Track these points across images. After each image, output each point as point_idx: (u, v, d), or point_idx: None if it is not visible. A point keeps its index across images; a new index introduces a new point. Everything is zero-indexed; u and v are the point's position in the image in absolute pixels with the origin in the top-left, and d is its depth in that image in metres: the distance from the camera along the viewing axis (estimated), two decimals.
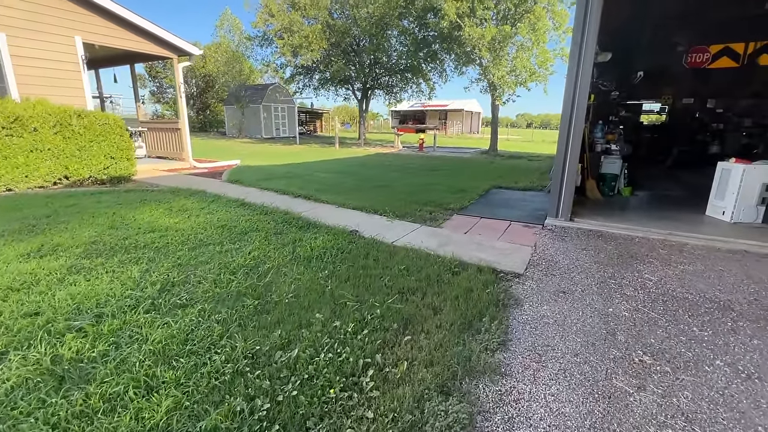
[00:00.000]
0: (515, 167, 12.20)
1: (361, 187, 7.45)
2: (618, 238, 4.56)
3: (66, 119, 6.01)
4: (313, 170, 9.64)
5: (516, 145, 25.38)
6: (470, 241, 4.41)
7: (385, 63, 19.44)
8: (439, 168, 11.38)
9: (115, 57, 9.47)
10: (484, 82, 16.41)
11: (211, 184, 7.02)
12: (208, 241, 4.01)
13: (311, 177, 8.35)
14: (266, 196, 6.10)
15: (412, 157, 14.63)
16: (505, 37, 13.19)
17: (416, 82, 21.25)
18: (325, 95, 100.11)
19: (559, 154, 5.14)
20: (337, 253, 3.82)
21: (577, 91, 4.85)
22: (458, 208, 5.97)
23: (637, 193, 6.96)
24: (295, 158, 13.08)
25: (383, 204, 5.88)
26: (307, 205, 5.67)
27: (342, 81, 20.32)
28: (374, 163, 12.08)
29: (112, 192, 5.87)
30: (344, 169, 10.34)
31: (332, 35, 17.27)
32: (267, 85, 25.89)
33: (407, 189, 7.41)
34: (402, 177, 9.18)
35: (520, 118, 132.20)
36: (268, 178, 7.71)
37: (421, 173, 10.06)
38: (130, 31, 7.75)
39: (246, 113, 25.14)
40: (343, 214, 5.29)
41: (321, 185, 7.37)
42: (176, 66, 8.79)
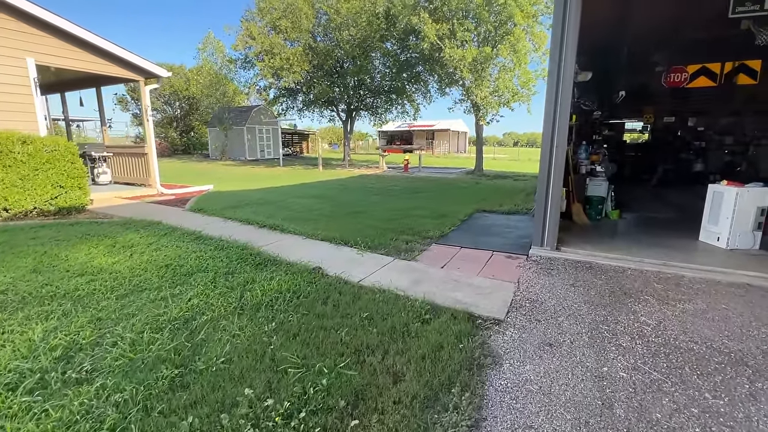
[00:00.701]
0: (500, 188, 11.93)
1: (336, 213, 6.99)
2: (609, 270, 4.16)
3: (7, 146, 5.48)
4: (289, 195, 9.18)
5: (502, 164, 25.39)
6: (447, 277, 3.95)
7: (369, 84, 19.40)
8: (422, 190, 11.03)
9: (81, 80, 9.04)
10: (468, 102, 16.38)
11: (172, 213, 6.49)
12: (144, 285, 3.48)
13: (285, 203, 7.88)
14: (228, 228, 5.60)
15: (396, 179, 14.31)
16: (486, 59, 13.18)
17: (401, 103, 21.24)
18: (310, 116, 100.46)
19: (541, 178, 4.79)
20: (292, 297, 3.32)
21: (558, 111, 4.54)
22: (438, 237, 5.54)
23: (625, 215, 6.64)
24: (275, 181, 12.63)
25: (356, 233, 5.43)
26: (271, 237, 5.18)
27: (326, 102, 20.18)
28: (356, 186, 11.68)
29: (55, 225, 5.31)
30: (323, 193, 9.90)
31: (315, 57, 17.19)
32: (251, 107, 25.67)
33: (385, 215, 6.98)
34: (382, 201, 8.77)
35: (507, 137, 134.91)
36: (237, 206, 7.21)
37: (403, 196, 9.68)
38: (90, 53, 7.34)
39: (229, 135, 24.77)
40: (310, 247, 4.81)
41: (293, 212, 6.90)
42: (143, 88, 8.37)
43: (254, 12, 16.77)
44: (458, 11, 13.11)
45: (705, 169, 11.86)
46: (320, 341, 2.65)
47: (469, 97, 15.44)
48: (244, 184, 11.44)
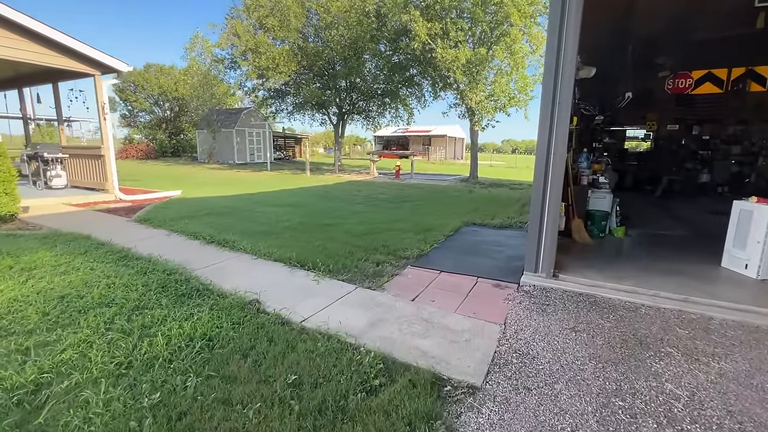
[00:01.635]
0: (494, 197, 11.16)
1: (305, 226, 6.19)
2: (618, 307, 3.36)
3: None
4: (261, 203, 8.37)
5: (498, 172, 24.70)
6: (416, 315, 3.15)
7: (361, 87, 18.69)
8: (410, 198, 10.24)
9: (33, 74, 8.25)
10: (462, 107, 15.68)
11: (113, 224, 5.67)
12: (13, 328, 2.66)
13: (252, 212, 7.06)
14: (169, 244, 4.78)
15: (385, 186, 13.52)
16: (481, 61, 12.48)
17: (394, 107, 20.53)
18: (301, 120, 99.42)
19: (536, 189, 4.01)
20: (204, 348, 2.51)
21: (556, 111, 3.77)
22: (416, 257, 4.75)
23: (631, 232, 5.86)
24: (254, 187, 11.82)
25: (320, 252, 4.63)
26: (214, 257, 4.36)
27: (317, 105, 19.44)
28: (339, 193, 10.89)
29: None
30: (300, 200, 9.10)
31: (304, 58, 16.47)
32: (241, 110, 24.93)
33: (362, 228, 6.17)
34: (363, 211, 7.96)
35: (506, 144, 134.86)
36: (194, 216, 6.40)
37: (388, 206, 8.88)
38: (36, 43, 6.56)
39: (218, 138, 23.99)
40: (257, 271, 4.00)
41: (256, 224, 6.09)
42: (98, 83, 7.58)
43: (240, 9, 16.08)
44: (451, 10, 12.42)
45: (711, 179, 11.14)
46: (213, 427, 1.83)
47: (463, 101, 14.73)
48: (217, 190, 10.62)
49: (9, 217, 5.55)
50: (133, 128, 29.15)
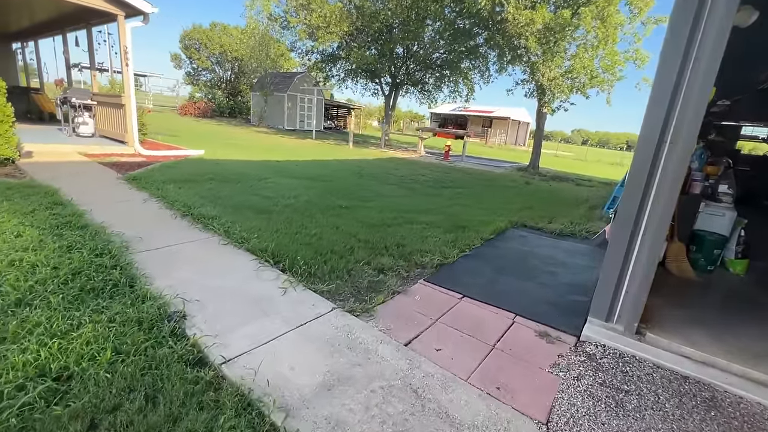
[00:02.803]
0: (555, 193, 9.35)
1: (311, 206, 5.16)
2: (750, 411, 1.93)
3: None
4: (281, 172, 7.49)
5: (564, 163, 21.93)
6: (404, 376, 1.98)
7: (418, 55, 17.00)
8: (452, 184, 8.83)
9: (71, 16, 7.88)
10: (531, 84, 13.52)
11: (99, 180, 5.05)
12: None
13: (260, 183, 6.18)
14: (135, 211, 4.00)
15: (430, 167, 12.12)
16: (563, 27, 10.31)
17: (454, 80, 18.61)
18: (352, 88, 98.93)
19: (631, 195, 2.57)
20: (49, 393, 1.57)
21: (688, 72, 2.26)
22: (435, 266, 3.54)
23: (756, 268, 4.09)
24: (286, 155, 11.05)
25: (310, 245, 3.59)
26: (178, 235, 3.48)
27: (370, 73, 18.14)
28: (374, 170, 9.74)
29: None
30: (326, 174, 8.10)
31: (359, 18, 15.12)
32: (295, 74, 24.31)
33: (379, 217, 5.02)
34: (391, 194, 6.77)
35: (576, 134, 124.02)
36: (193, 180, 5.63)
37: (424, 190, 7.59)
38: None
39: (270, 102, 23.72)
40: (215, 263, 3.04)
41: (255, 198, 5.17)
42: (121, 24, 6.98)
43: None
44: None
45: None
46: None
47: (533, 76, 12.61)
48: (244, 154, 9.97)
49: (2, 161, 5.13)
50: (194, 86, 30.05)
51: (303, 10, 14.48)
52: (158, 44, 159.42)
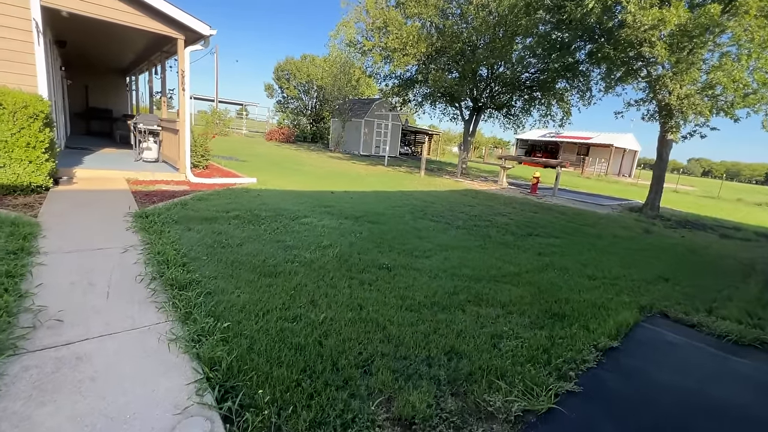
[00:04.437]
0: (696, 251, 6.70)
1: (342, 265, 3.81)
2: None
3: None
4: (325, 209, 6.37)
5: (690, 202, 17.65)
6: None
7: (505, 76, 15.23)
8: (541, 231, 6.82)
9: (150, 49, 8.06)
10: (652, 104, 10.80)
11: (106, 214, 4.37)
12: None
13: (290, 224, 5.05)
14: (99, 269, 3.04)
15: (512, 203, 10.11)
16: (706, 28, 7.77)
17: (545, 102, 16.31)
18: (430, 113, 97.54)
19: None
20: None
21: None
22: (511, 420, 1.87)
23: None
24: (346, 184, 10.10)
25: (303, 354, 2.23)
26: (113, 318, 2.37)
27: (449, 96, 16.83)
28: (442, 207, 8.16)
29: None
30: (380, 211, 6.78)
31: (439, 39, 14.03)
32: (373, 100, 24.16)
33: (429, 288, 3.47)
34: (457, 245, 5.14)
35: (693, 164, 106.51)
36: (215, 218, 4.73)
37: (502, 240, 5.79)
38: (125, 2, 5.89)
39: (347, 127, 23.80)
40: (124, 391, 1.80)
41: (273, 248, 4.02)
42: (181, 50, 6.72)
43: None
44: None
45: None
46: None
47: (655, 94, 9.98)
48: (302, 182, 9.21)
49: (36, 188, 4.82)
50: (282, 114, 32.06)
51: (379, 32, 13.91)
52: (258, 76, 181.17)
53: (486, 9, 13.96)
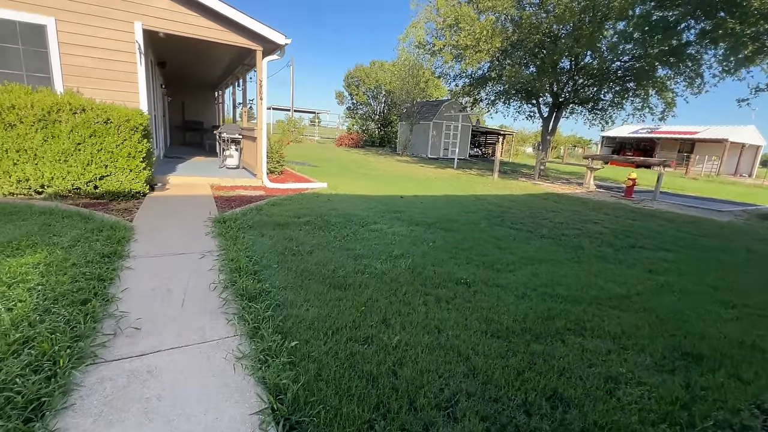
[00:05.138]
0: None
1: (416, 278, 3.48)
2: None
3: (57, 114, 4.68)
4: (397, 213, 6.10)
5: None
6: None
7: (592, 67, 13.68)
8: (647, 243, 5.78)
9: (222, 64, 8.62)
10: None
11: (190, 218, 4.57)
12: None
13: (364, 231, 4.85)
14: (177, 276, 3.07)
15: (603, 209, 8.91)
16: None
17: (641, 94, 14.33)
18: (503, 112, 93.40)
19: None
20: None
21: None
22: None
23: None
24: (415, 188, 9.77)
25: (376, 385, 1.94)
26: (185, 329, 2.31)
27: (525, 92, 15.66)
28: (521, 213, 7.42)
29: (37, 214, 4.10)
30: (453, 217, 6.31)
31: (515, 32, 13.07)
32: (442, 101, 23.57)
33: (517, 310, 2.97)
34: (544, 256, 4.50)
35: None
36: (288, 223, 4.71)
37: (598, 252, 4.97)
38: (201, 15, 6.32)
39: (415, 130, 23.53)
40: (183, 415, 1.66)
41: (347, 256, 3.83)
42: (259, 60, 7.01)
43: None
44: None
45: None
46: None
47: None
48: (371, 186, 9.09)
49: (135, 194, 5.29)
50: (352, 119, 32.93)
51: (450, 30, 13.38)
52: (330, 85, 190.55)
53: None
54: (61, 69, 5.54)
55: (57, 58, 5.50)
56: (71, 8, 5.48)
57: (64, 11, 5.44)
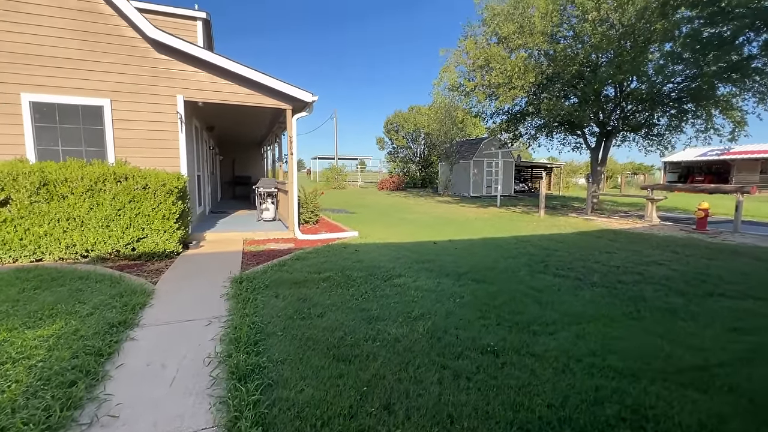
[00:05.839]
0: None
1: (434, 346, 3.07)
2: None
3: (102, 183, 5.10)
4: (427, 263, 5.72)
5: None
6: None
7: (639, 92, 12.81)
8: (731, 288, 4.80)
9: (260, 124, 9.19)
10: None
11: (212, 278, 4.55)
12: None
13: (386, 286, 4.52)
14: (175, 349, 2.94)
15: (670, 246, 7.81)
16: None
17: (705, 114, 13.04)
18: (547, 145, 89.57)
19: None
20: None
21: None
22: None
23: None
24: (452, 231, 9.33)
25: None
26: (162, 420, 2.10)
27: (568, 124, 14.97)
28: (569, 256, 6.67)
29: (74, 278, 4.31)
30: (489, 265, 5.78)
31: (550, 65, 12.75)
32: (481, 139, 23.31)
33: (554, 393, 2.43)
34: (594, 312, 3.84)
35: None
36: (307, 281, 4.54)
37: (665, 304, 4.17)
38: (238, 84, 6.83)
39: (456, 169, 23.30)
40: None
41: (361, 318, 3.52)
42: (289, 118, 7.34)
43: (475, 25, 14.34)
44: None
45: None
46: None
47: None
48: (405, 232, 8.81)
49: (165, 254, 5.49)
50: (393, 163, 33.64)
51: (480, 70, 13.40)
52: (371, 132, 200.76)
53: (606, 23, 12.25)
54: (114, 142, 6.15)
55: (110, 133, 6.13)
56: (125, 89, 6.17)
57: (118, 92, 6.14)
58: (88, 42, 5.93)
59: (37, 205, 4.90)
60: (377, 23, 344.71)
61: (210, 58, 6.46)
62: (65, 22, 5.79)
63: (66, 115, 5.93)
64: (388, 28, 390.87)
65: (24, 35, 5.62)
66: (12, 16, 5.52)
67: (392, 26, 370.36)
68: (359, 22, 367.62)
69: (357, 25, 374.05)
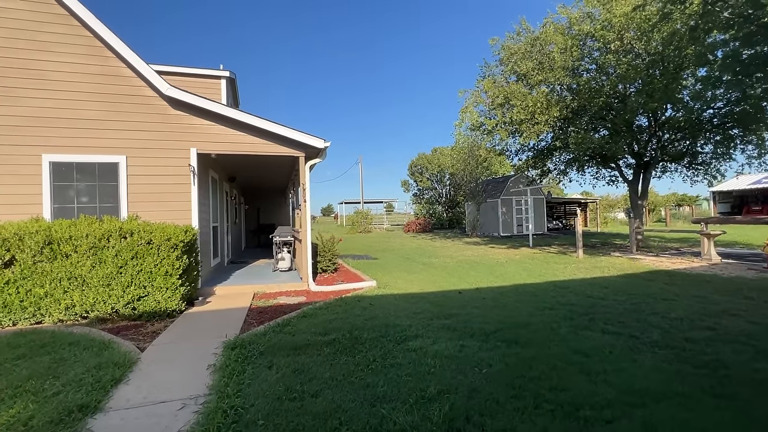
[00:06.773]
0: None
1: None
2: None
3: (106, 239, 4.96)
4: (450, 318, 5.02)
5: None
6: None
7: (676, 120, 11.98)
8: None
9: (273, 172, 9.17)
10: None
11: (204, 345, 4.09)
12: None
13: (399, 350, 3.88)
14: None
15: (741, 289, 6.65)
16: None
17: (755, 140, 11.93)
18: (579, 180, 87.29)
19: None
20: None
21: None
22: None
23: None
24: (481, 276, 8.56)
25: None
26: None
27: (600, 157, 14.16)
28: (617, 307, 5.75)
29: (55, 346, 3.98)
30: (521, 321, 5.00)
31: (574, 99, 12.29)
32: (508, 177, 22.63)
33: None
34: (657, 388, 3.00)
35: None
36: (310, 344, 3.98)
37: (756, 372, 3.25)
38: (249, 134, 6.82)
39: (483, 209, 22.53)
40: None
41: (363, 397, 2.90)
42: (302, 165, 7.18)
43: (492, 65, 14.32)
44: None
45: None
46: None
47: None
48: (428, 280, 8.14)
49: (167, 313, 5.15)
50: (418, 205, 33.35)
51: (501, 108, 13.13)
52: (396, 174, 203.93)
53: (631, 53, 11.82)
54: (128, 197, 6.15)
55: (124, 189, 6.15)
56: (141, 145, 6.27)
57: (134, 149, 6.22)
58: (108, 103, 6.16)
59: (40, 264, 4.78)
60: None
61: (221, 111, 6.53)
62: (88, 86, 6.07)
63: (83, 173, 6.03)
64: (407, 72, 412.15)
65: (49, 100, 5.90)
66: (39, 83, 5.84)
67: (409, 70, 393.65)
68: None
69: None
